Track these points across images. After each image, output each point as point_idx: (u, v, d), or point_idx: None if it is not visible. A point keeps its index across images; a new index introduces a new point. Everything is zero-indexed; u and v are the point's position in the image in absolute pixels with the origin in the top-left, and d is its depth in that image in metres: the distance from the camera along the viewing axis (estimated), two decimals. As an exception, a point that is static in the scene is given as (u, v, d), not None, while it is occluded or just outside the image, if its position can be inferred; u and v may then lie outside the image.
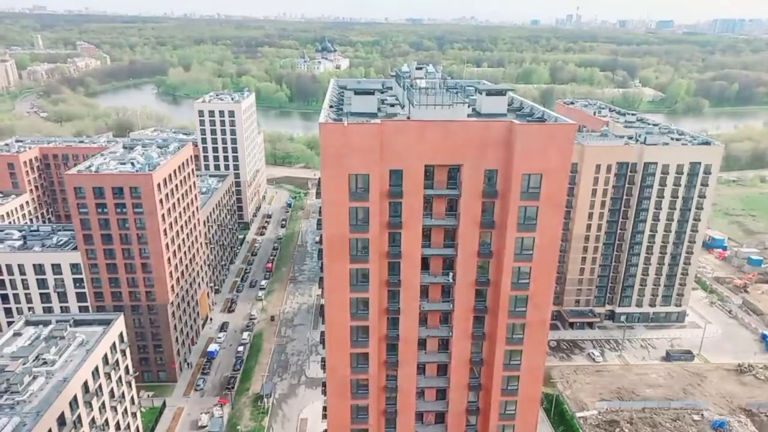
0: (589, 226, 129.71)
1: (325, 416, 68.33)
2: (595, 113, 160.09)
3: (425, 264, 58.14)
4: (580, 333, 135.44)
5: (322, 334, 60.94)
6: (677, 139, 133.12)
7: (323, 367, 63.28)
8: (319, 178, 54.72)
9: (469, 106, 59.88)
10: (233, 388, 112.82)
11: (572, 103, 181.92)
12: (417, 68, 70.06)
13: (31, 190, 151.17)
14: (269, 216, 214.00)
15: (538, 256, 55.70)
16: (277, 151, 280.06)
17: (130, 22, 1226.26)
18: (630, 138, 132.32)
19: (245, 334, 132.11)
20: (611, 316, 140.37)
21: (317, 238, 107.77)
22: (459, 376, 62.54)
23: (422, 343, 61.41)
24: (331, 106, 62.06)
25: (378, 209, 53.90)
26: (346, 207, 53.30)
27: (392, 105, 63.51)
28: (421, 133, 52.38)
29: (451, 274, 58.50)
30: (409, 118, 56.39)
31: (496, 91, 59.19)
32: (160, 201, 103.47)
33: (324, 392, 65.23)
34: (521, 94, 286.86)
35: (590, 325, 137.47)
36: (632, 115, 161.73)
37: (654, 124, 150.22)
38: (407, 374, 61.56)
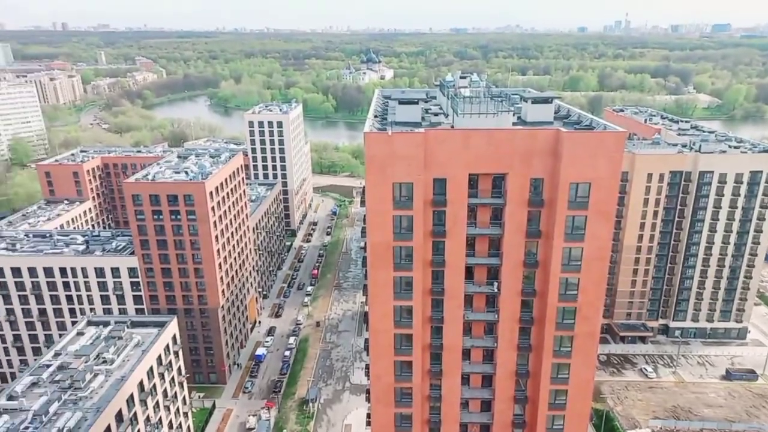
0: (640, 237, 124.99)
1: (368, 423, 68.31)
2: (646, 121, 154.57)
3: (469, 273, 57.44)
4: (632, 347, 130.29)
5: (366, 341, 61.05)
6: (736, 147, 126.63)
7: (367, 374, 63.33)
8: (364, 187, 55.05)
9: (514, 115, 59.09)
10: (280, 391, 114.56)
11: (622, 110, 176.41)
12: (461, 77, 69.66)
13: (93, 198, 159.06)
14: (315, 223, 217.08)
15: (587, 266, 54.07)
16: (323, 160, 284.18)
17: (185, 37, 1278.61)
18: (684, 146, 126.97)
19: (292, 339, 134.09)
20: (665, 330, 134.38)
21: (362, 245, 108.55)
22: (504, 388, 61.27)
23: (466, 353, 60.58)
24: (375, 116, 62.43)
25: (422, 217, 53.77)
26: (390, 215, 53.41)
27: (436, 114, 63.28)
28: (465, 141, 52.00)
29: (495, 283, 57.56)
30: (453, 126, 56.19)
31: (542, 98, 58.17)
32: (212, 208, 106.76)
33: (368, 399, 65.27)
34: (568, 101, 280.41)
35: (642, 339, 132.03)
36: (686, 122, 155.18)
37: (710, 132, 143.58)
38: (451, 384, 60.82)
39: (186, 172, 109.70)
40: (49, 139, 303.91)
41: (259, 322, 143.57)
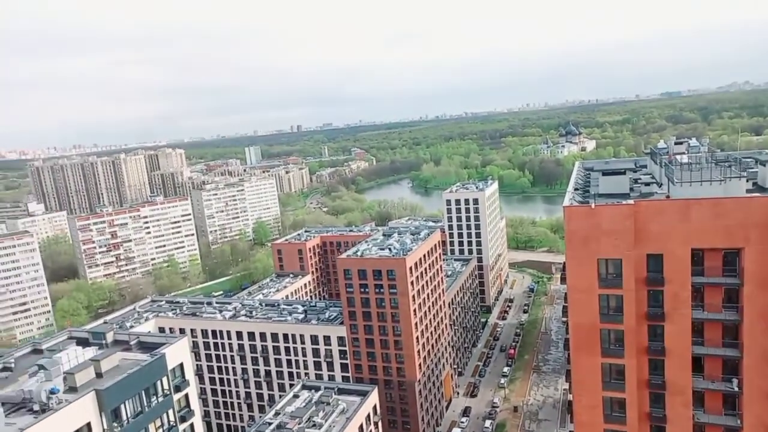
0: None
1: None
2: None
3: (698, 365, 48.25)
4: None
5: (571, 434, 54.50)
6: None
7: (572, 472, 55.86)
8: (564, 263, 51.86)
9: (748, 180, 50.33)
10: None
11: None
12: (676, 143, 63.10)
13: (312, 272, 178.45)
14: (511, 300, 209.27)
15: None
16: (519, 235, 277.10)
17: (393, 128, 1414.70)
18: None
19: (488, 423, 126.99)
20: None
21: (563, 324, 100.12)
22: None
23: (699, 465, 49.72)
24: (576, 189, 59.95)
25: (633, 297, 47.94)
26: (596, 294, 49.12)
27: (647, 184, 57.69)
28: (684, 212, 45.77)
29: (735, 380, 47.11)
30: (668, 197, 50.85)
31: (786, 159, 48.70)
32: (411, 283, 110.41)
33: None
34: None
35: None
36: None
37: None
38: (680, 501, 50.03)
39: (389, 249, 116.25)
40: (282, 221, 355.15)
41: (455, 399, 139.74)
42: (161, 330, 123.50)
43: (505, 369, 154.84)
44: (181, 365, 56.44)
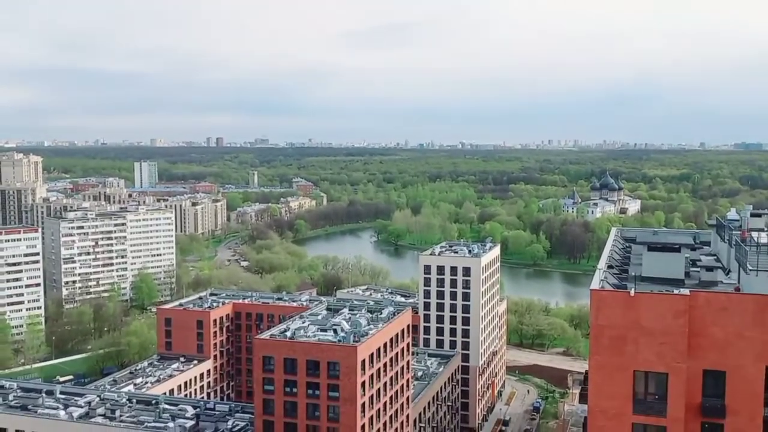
0: None
1: None
2: None
3: None
4: None
5: None
6: None
7: None
8: (586, 372, 53.11)
9: None
10: None
11: None
12: (753, 214, 66.09)
13: (215, 356, 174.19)
14: (506, 423, 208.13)
15: None
16: (525, 327, 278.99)
17: (356, 154, 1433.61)
18: None
19: None
20: None
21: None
22: None
23: None
24: (610, 266, 61.72)
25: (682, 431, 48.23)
26: (628, 423, 49.85)
27: (710, 269, 59.74)
28: (761, 313, 47.34)
29: None
30: (738, 289, 52.79)
31: None
32: (362, 384, 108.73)
33: None
34: None
35: None
36: None
37: None
38: None
39: (335, 330, 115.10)
40: (178, 276, 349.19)
41: None
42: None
43: None
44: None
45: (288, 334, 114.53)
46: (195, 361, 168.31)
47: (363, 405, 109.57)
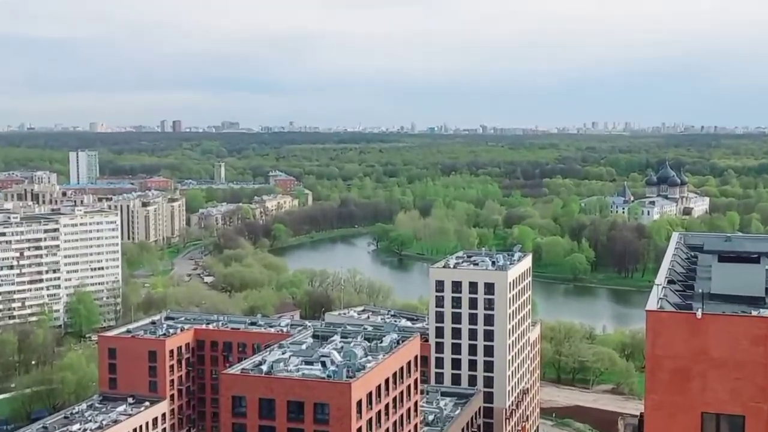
0: None
1: None
2: None
3: None
4: None
5: None
6: None
7: None
8: (641, 415, 54.63)
9: None
10: None
11: None
12: None
13: (172, 396, 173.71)
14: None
15: None
16: (564, 359, 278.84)
17: (349, 141, 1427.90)
18: None
19: None
20: None
21: None
22: None
23: None
24: (671, 281, 61.72)
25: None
26: None
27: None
28: None
29: None
30: None
31: None
32: (359, 431, 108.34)
33: None
34: None
35: None
36: None
37: None
38: None
39: (323, 363, 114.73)
40: (125, 295, 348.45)
41: None
42: None
43: None
44: None
45: (264, 368, 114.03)
46: (147, 403, 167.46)
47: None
